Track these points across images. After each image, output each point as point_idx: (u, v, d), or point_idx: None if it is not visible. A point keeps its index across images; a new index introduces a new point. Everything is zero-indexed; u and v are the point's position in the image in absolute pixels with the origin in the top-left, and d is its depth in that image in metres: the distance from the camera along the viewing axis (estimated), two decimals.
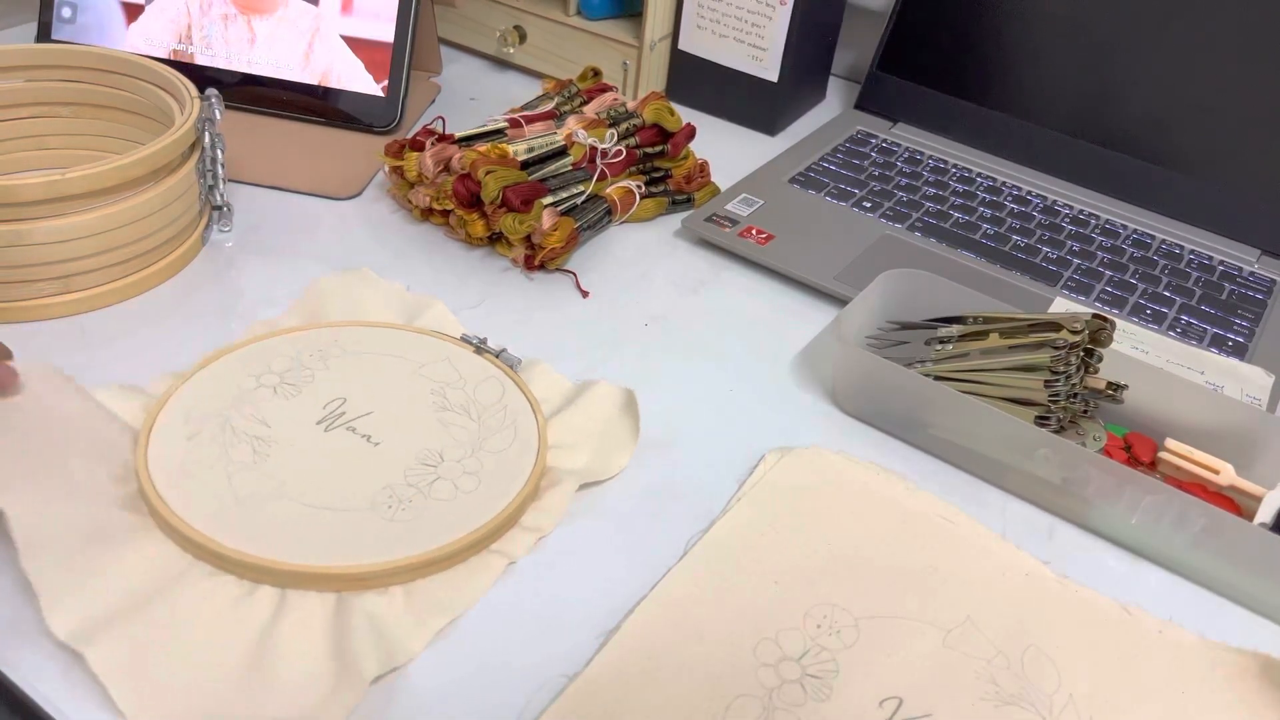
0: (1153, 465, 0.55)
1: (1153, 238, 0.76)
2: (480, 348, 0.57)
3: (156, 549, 0.45)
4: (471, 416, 0.53)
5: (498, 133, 0.70)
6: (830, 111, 0.91)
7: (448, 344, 0.57)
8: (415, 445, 0.51)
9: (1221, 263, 0.74)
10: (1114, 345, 0.57)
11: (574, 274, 0.67)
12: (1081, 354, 0.54)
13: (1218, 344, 0.66)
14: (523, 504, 0.49)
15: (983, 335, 0.57)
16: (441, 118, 0.77)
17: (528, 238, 0.65)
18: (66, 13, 0.78)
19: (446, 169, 0.67)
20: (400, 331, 0.58)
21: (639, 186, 0.72)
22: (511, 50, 0.90)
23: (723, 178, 0.77)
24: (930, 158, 0.83)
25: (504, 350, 0.57)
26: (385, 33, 0.78)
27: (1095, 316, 0.54)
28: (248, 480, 0.48)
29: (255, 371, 0.53)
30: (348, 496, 0.48)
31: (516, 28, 0.89)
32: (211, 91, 0.63)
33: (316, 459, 0.49)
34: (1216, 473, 0.53)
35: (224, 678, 0.41)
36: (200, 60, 0.78)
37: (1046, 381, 0.53)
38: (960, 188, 0.79)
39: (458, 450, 0.51)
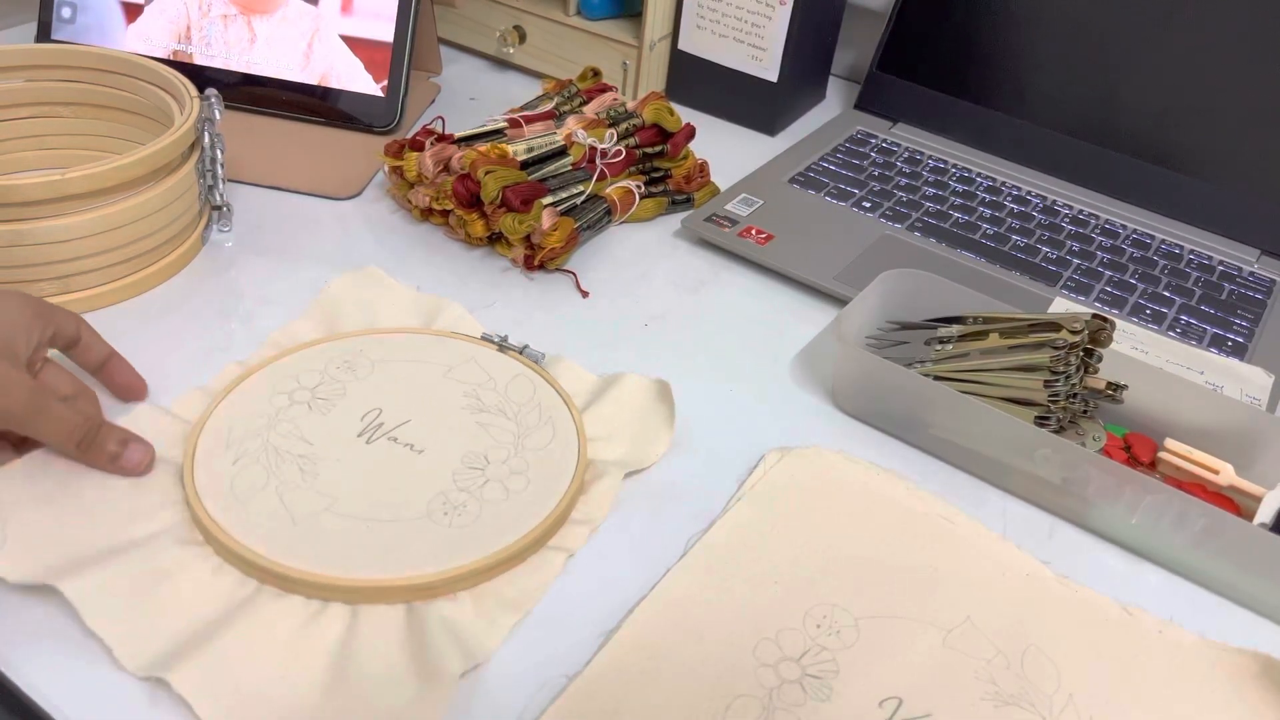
0: (1153, 465, 0.55)
1: (1152, 238, 0.76)
2: (503, 346, 0.57)
3: (220, 577, 0.45)
4: (508, 416, 0.53)
5: (497, 133, 0.70)
6: (830, 111, 0.91)
7: (471, 344, 0.57)
8: (459, 449, 0.51)
9: (1221, 263, 0.74)
10: (1114, 345, 0.57)
11: (574, 274, 0.67)
12: (1081, 354, 0.54)
13: (1217, 344, 0.66)
14: (573, 499, 0.49)
15: (983, 335, 0.57)
16: (441, 118, 0.77)
17: (527, 238, 0.65)
18: (66, 13, 0.78)
19: (446, 169, 0.67)
20: (422, 335, 0.58)
21: (639, 186, 0.72)
22: (511, 50, 0.90)
23: (723, 178, 0.77)
24: (930, 158, 0.83)
25: (526, 347, 0.57)
26: (385, 33, 0.78)
27: (1095, 316, 0.54)
28: (301, 499, 0.47)
29: (286, 389, 0.53)
30: (402, 507, 0.48)
31: (516, 28, 0.89)
32: (211, 91, 0.63)
33: (364, 472, 0.49)
34: (1216, 473, 0.53)
35: (309, 695, 0.41)
36: (200, 60, 0.78)
37: (1046, 381, 0.53)
38: (960, 188, 0.79)
39: (501, 451, 0.51)
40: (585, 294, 0.65)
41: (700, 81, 0.87)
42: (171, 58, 0.78)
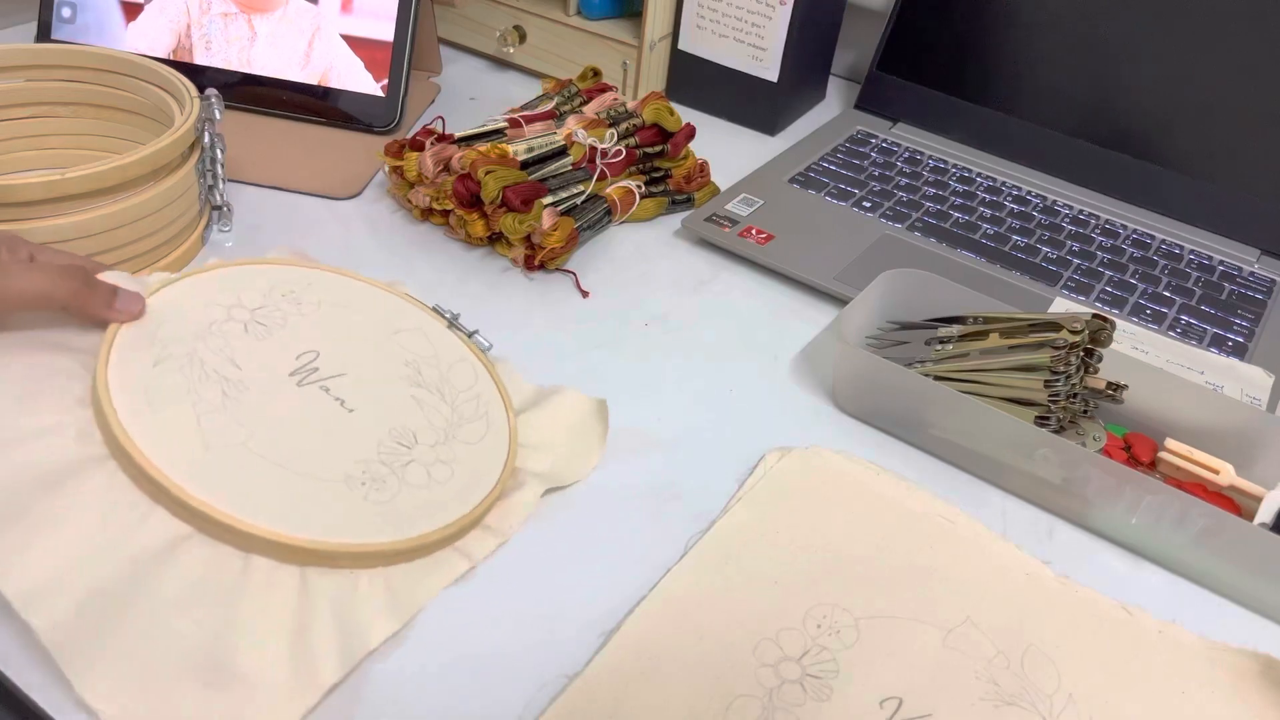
0: (1153, 465, 0.55)
1: (1153, 238, 0.76)
2: (452, 323, 0.56)
3: (112, 489, 0.42)
4: (445, 399, 0.51)
5: (498, 133, 0.70)
6: (830, 111, 0.91)
7: (421, 312, 0.55)
8: (390, 420, 0.49)
9: (1221, 263, 0.74)
10: (1114, 345, 0.57)
11: (574, 274, 0.67)
12: (1081, 354, 0.54)
13: (1218, 344, 0.66)
14: (490, 505, 0.48)
15: (983, 335, 0.57)
16: (441, 118, 0.77)
17: (528, 238, 0.65)
18: (66, 12, 0.78)
19: (446, 169, 0.67)
20: (374, 288, 0.56)
21: (639, 186, 0.72)
22: (511, 50, 0.90)
23: (723, 178, 0.77)
24: (930, 158, 0.83)
25: (475, 332, 0.56)
26: (385, 32, 0.78)
27: (1095, 316, 0.54)
28: (217, 425, 0.44)
29: (225, 302, 0.50)
30: (321, 463, 0.45)
31: (516, 28, 0.89)
32: (211, 91, 0.63)
33: (290, 415, 0.46)
34: (1216, 473, 0.53)
35: (181, 656, 0.39)
36: (199, 60, 0.78)
37: (1046, 381, 0.53)
38: (960, 188, 0.79)
39: (431, 434, 0.49)
40: (585, 294, 0.65)
41: (700, 81, 0.87)
42: (171, 57, 0.78)
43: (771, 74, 0.84)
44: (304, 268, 0.55)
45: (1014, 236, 0.74)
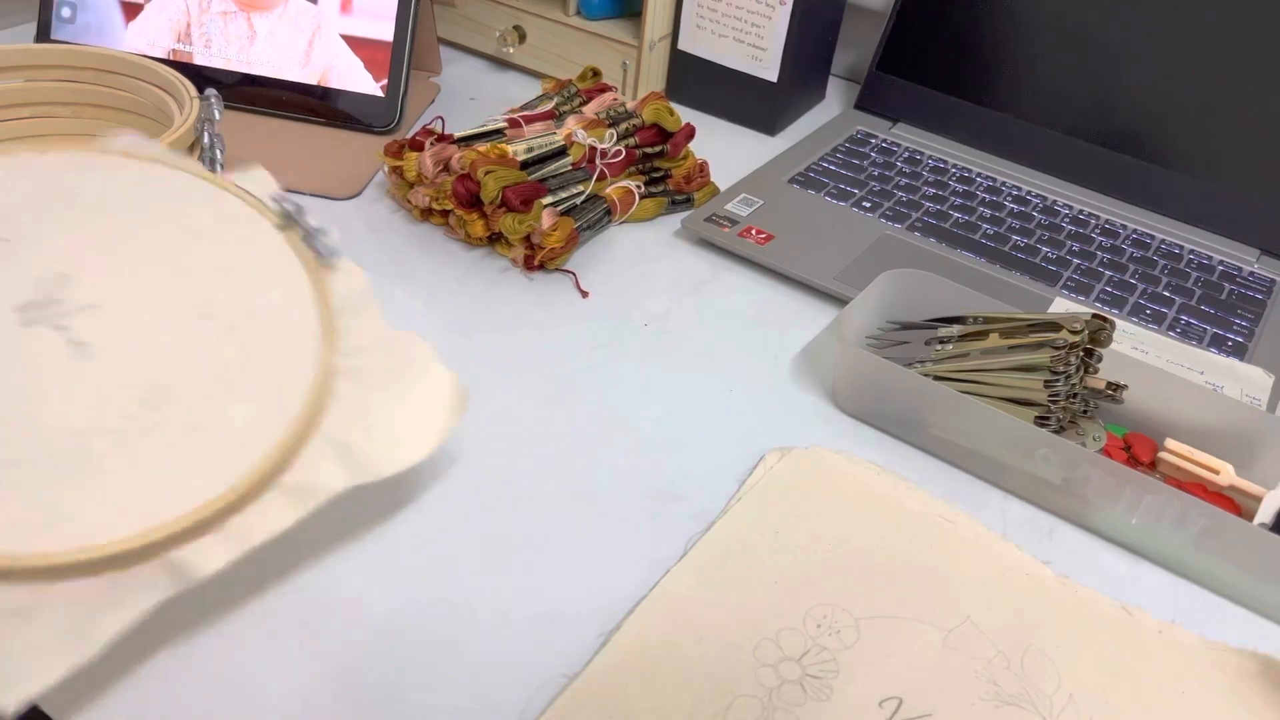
0: (1153, 465, 0.55)
1: (1152, 238, 0.76)
2: (288, 221, 0.42)
3: None
4: (236, 333, 0.38)
5: (497, 133, 0.70)
6: (830, 111, 0.91)
7: (247, 208, 0.41)
8: (142, 369, 0.36)
9: (1221, 263, 0.74)
10: (1114, 345, 0.57)
11: (574, 274, 0.67)
12: (1081, 354, 0.54)
13: (1217, 344, 0.66)
14: (249, 493, 0.35)
15: (983, 335, 0.57)
16: (441, 118, 0.77)
17: (527, 238, 0.65)
18: (66, 12, 0.78)
19: (446, 169, 0.67)
20: (192, 178, 0.42)
21: (639, 186, 0.72)
22: (511, 50, 0.90)
23: (722, 178, 0.77)
24: (930, 158, 0.83)
25: (319, 231, 0.42)
26: (385, 32, 0.78)
27: (1095, 316, 0.54)
28: None
29: None
30: (4, 445, 0.33)
31: (516, 28, 0.89)
32: (211, 91, 0.63)
33: None
34: (1216, 473, 0.53)
35: None
36: (199, 60, 0.78)
37: (1046, 381, 0.53)
38: (960, 188, 0.79)
39: (196, 387, 0.36)
40: (585, 294, 0.65)
41: (700, 81, 0.87)
42: (171, 57, 0.78)
43: (771, 74, 0.84)
44: (90, 153, 0.42)
45: (1014, 236, 0.74)
